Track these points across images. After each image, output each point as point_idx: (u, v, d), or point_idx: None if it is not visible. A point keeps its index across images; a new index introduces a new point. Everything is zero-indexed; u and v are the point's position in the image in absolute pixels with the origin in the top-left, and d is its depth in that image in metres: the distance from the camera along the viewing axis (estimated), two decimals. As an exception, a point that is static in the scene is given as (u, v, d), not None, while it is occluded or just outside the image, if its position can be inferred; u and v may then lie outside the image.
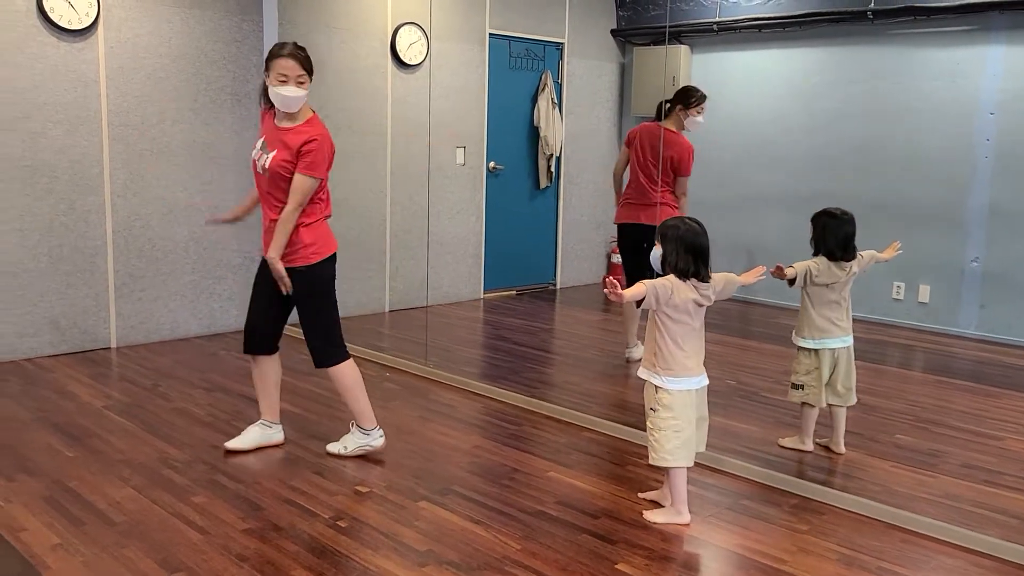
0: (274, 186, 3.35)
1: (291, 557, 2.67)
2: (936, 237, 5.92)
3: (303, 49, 3.32)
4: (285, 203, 3.32)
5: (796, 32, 6.51)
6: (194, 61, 5.24)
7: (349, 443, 3.53)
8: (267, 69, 3.28)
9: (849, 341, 3.57)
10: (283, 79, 3.23)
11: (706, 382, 3.02)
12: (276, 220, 3.34)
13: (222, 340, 5.38)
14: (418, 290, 6.43)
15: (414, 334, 5.64)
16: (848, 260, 3.50)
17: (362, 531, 2.85)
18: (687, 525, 2.96)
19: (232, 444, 3.54)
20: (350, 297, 6.12)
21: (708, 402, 3.07)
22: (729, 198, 6.81)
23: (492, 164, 6.86)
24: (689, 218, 3.00)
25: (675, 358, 2.92)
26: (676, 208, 4.80)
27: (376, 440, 3.53)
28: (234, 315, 5.60)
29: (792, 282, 3.49)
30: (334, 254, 3.51)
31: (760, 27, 6.63)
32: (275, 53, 3.27)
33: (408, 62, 6.19)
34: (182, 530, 2.83)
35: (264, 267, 3.46)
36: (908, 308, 6.09)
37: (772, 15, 6.51)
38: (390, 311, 6.33)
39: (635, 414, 4.04)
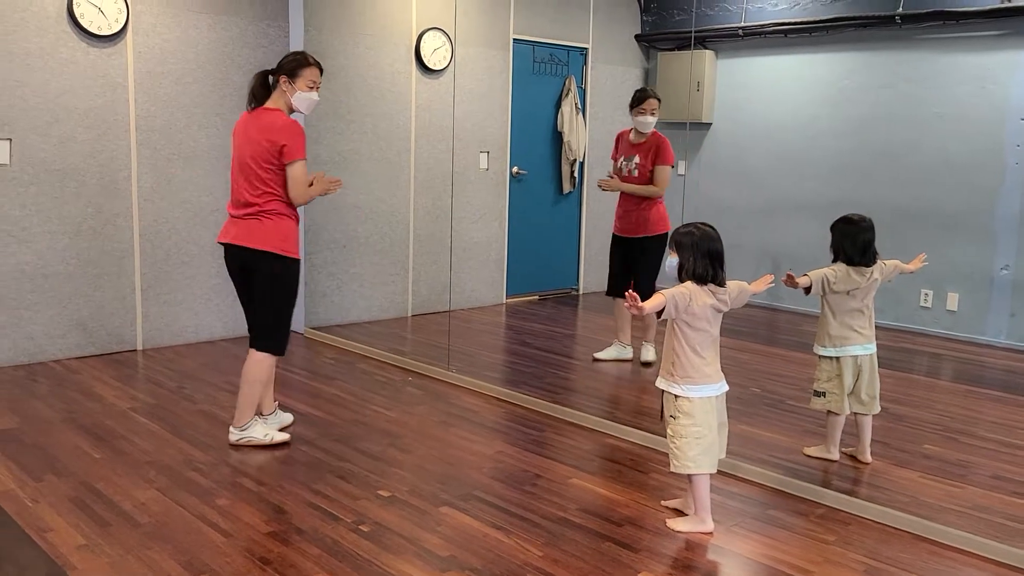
0: None
1: (313, 560, 2.67)
2: (965, 244, 5.83)
3: None
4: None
5: (823, 37, 6.46)
6: (221, 66, 5.28)
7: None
8: (293, 77, 3.50)
9: (872, 349, 3.53)
10: (312, 85, 3.54)
11: (725, 388, 3.00)
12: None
13: (246, 343, 5.39)
14: (440, 294, 6.44)
15: (436, 339, 5.64)
16: (868, 265, 3.47)
17: (384, 536, 2.85)
18: (711, 534, 2.94)
19: (280, 438, 3.71)
20: (373, 301, 6.15)
21: (733, 409, 3.06)
22: (755, 204, 6.77)
23: (515, 169, 6.86)
24: (702, 223, 3.00)
25: (694, 365, 2.92)
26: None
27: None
28: (258, 318, 5.63)
29: (808, 290, 3.46)
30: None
31: (786, 32, 6.58)
32: (304, 62, 3.53)
33: (432, 67, 6.21)
34: (206, 532, 2.85)
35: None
36: (936, 316, 6.00)
37: (798, 20, 6.46)
38: (412, 315, 6.34)
39: (658, 421, 4.01)
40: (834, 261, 3.51)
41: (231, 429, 3.69)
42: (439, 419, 4.09)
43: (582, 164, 7.18)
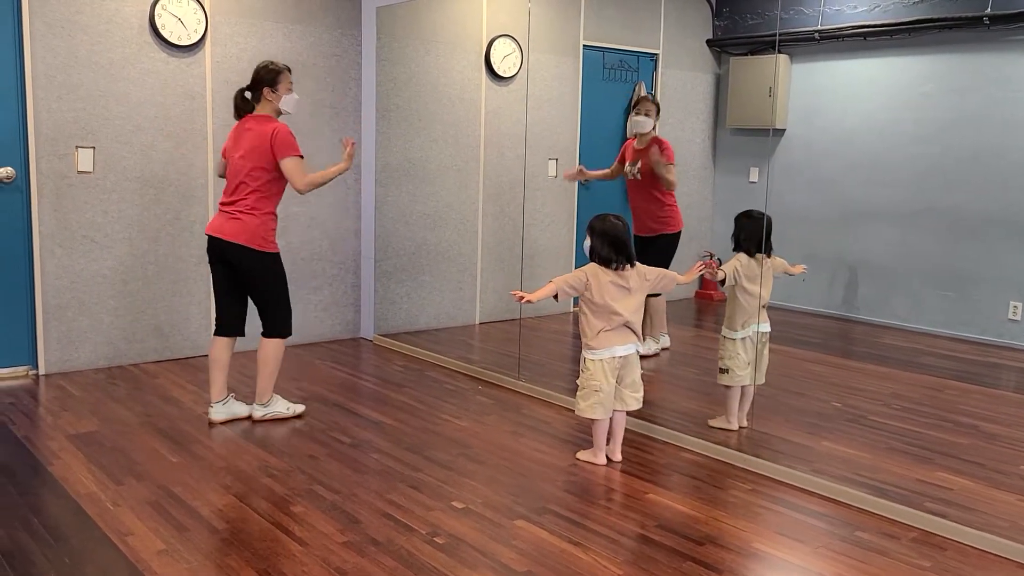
0: None
1: (389, 572, 2.64)
2: (1058, 254, 5.56)
3: None
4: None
5: (904, 39, 6.24)
6: (295, 75, 5.30)
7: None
8: (274, 85, 3.91)
9: (767, 328, 3.93)
10: (290, 87, 3.98)
11: (631, 350, 3.52)
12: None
13: (316, 349, 5.45)
14: (508, 302, 6.40)
15: (505, 347, 5.60)
16: (765, 255, 3.89)
17: (459, 548, 2.81)
18: (602, 465, 3.55)
19: (298, 409, 4.14)
20: (441, 309, 6.14)
21: (812, 423, 3.00)
22: (831, 212, 6.56)
23: (584, 176, 6.78)
24: (614, 215, 3.54)
25: (596, 334, 3.47)
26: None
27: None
28: (328, 324, 5.68)
29: (723, 282, 3.86)
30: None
31: (865, 35, 6.38)
32: (277, 69, 3.93)
33: (502, 74, 6.19)
34: (282, 540, 2.84)
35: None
36: (1026, 329, 5.73)
37: (878, 22, 6.26)
38: (480, 323, 6.32)
39: (736, 435, 3.91)
40: (734, 250, 3.93)
41: (255, 407, 4.07)
42: (510, 429, 4.04)
43: (652, 171, 7.07)
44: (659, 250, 5.16)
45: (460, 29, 6.02)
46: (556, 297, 3.48)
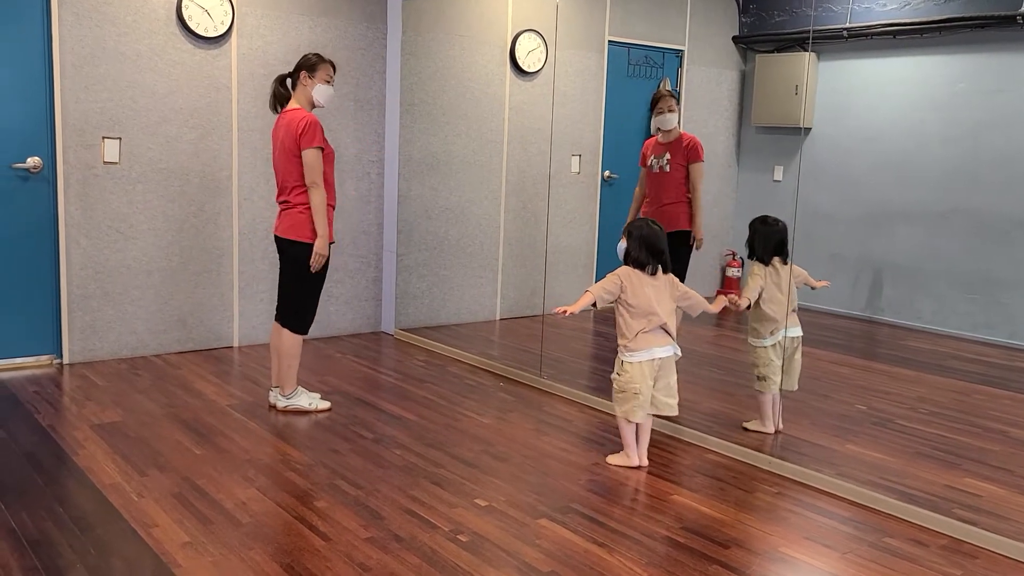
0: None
1: (413, 570, 2.63)
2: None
3: None
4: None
5: (935, 38, 6.16)
6: (320, 68, 5.32)
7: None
8: (312, 72, 3.89)
9: (798, 332, 3.89)
10: (328, 79, 3.94)
11: (668, 353, 3.49)
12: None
13: (338, 343, 5.45)
14: (528, 298, 6.38)
15: (525, 343, 5.58)
16: (781, 262, 3.84)
17: (483, 547, 2.79)
18: (637, 468, 3.51)
19: (322, 406, 4.13)
20: (462, 304, 6.12)
21: (838, 427, 2.98)
22: (857, 213, 6.50)
23: (607, 173, 6.75)
24: (652, 220, 3.57)
25: (634, 336, 3.43)
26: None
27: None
28: (350, 318, 5.68)
29: (748, 307, 3.83)
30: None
31: (895, 33, 6.30)
32: (321, 59, 3.92)
33: (526, 69, 6.15)
34: (306, 535, 2.84)
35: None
36: (1055, 334, 5.65)
37: (908, 20, 6.18)
38: (500, 319, 6.30)
39: (760, 437, 3.87)
40: (749, 256, 3.90)
41: (278, 396, 4.09)
42: (532, 427, 4.02)
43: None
44: (683, 246, 5.10)
45: (485, 24, 5.99)
46: (595, 305, 3.47)
